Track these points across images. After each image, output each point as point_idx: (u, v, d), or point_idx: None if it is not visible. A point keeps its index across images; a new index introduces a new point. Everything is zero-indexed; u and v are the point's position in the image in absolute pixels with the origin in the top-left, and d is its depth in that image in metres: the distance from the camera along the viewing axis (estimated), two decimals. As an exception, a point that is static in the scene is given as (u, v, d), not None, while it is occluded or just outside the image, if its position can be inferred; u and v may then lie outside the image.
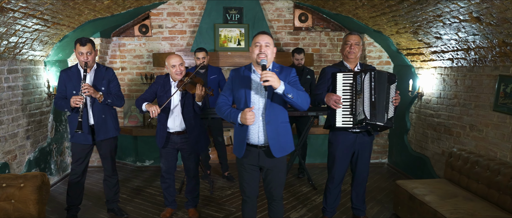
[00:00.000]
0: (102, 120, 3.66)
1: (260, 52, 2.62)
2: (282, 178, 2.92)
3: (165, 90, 3.60)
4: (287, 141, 2.81)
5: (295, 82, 2.76)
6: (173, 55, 3.57)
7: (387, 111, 3.28)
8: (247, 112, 2.58)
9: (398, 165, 5.66)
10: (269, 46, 2.66)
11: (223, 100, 2.84)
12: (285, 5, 5.84)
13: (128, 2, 4.84)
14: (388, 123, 3.28)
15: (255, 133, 2.74)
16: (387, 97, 3.29)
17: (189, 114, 3.59)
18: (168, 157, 3.71)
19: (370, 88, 3.26)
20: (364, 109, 3.24)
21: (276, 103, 2.71)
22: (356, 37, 3.41)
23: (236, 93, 2.79)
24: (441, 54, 4.26)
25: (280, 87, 2.47)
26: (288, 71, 2.79)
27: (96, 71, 3.69)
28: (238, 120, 2.65)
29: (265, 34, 2.69)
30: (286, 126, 2.81)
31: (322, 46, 5.99)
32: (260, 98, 2.71)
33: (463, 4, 3.09)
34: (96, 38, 5.36)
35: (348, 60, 3.46)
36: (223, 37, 5.64)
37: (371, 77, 3.26)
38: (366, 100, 3.25)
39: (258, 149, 2.77)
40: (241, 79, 2.77)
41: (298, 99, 2.58)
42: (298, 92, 2.59)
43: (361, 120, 3.24)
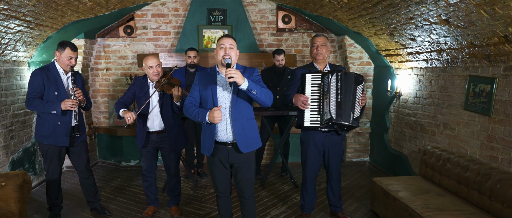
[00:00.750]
0: (80, 122, 3.75)
1: (225, 54, 2.76)
2: (252, 175, 3.04)
3: (144, 91, 3.68)
4: (254, 137, 2.95)
5: (258, 81, 2.90)
6: (150, 56, 3.65)
7: (353, 111, 3.39)
8: (214, 110, 2.69)
9: (378, 163, 5.80)
10: (233, 48, 2.81)
11: (191, 101, 2.95)
12: (268, 6, 5.95)
13: (112, 4, 4.90)
14: (353, 123, 3.39)
15: (223, 130, 2.86)
16: (354, 98, 3.40)
17: (168, 114, 3.68)
18: (148, 156, 3.79)
19: (337, 88, 3.36)
20: (330, 109, 3.34)
21: (242, 99, 2.85)
22: (322, 39, 3.53)
23: (203, 93, 2.90)
24: (416, 55, 4.40)
25: (244, 84, 2.61)
26: (251, 71, 2.93)
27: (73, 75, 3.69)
28: (206, 119, 2.75)
29: (229, 37, 2.85)
30: (252, 122, 2.94)
31: (304, 47, 6.11)
32: (226, 95, 2.84)
33: (432, 7, 3.23)
34: (80, 39, 5.41)
35: (316, 61, 3.58)
36: (207, 38, 5.73)
37: (338, 78, 3.36)
38: (332, 100, 3.36)
39: (227, 146, 2.90)
40: (207, 80, 2.90)
41: (261, 95, 2.72)
42: (261, 88, 2.74)
43: (327, 120, 3.35)
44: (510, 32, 2.85)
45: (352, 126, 3.40)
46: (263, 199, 4.56)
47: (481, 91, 3.52)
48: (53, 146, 3.64)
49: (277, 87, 5.09)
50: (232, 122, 2.83)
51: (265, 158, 6.00)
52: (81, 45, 5.43)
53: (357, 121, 3.41)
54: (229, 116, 2.83)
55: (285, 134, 4.97)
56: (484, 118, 3.50)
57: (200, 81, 2.95)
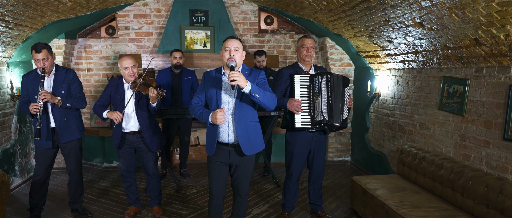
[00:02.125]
0: (64, 123, 3.70)
1: (229, 56, 2.78)
2: (249, 174, 3.09)
3: (119, 92, 3.69)
4: (257, 140, 2.98)
5: (263, 84, 2.93)
6: (126, 57, 3.66)
7: (342, 112, 3.48)
8: (217, 112, 2.73)
9: (359, 163, 5.91)
10: (238, 50, 2.82)
11: (196, 101, 3.00)
12: (250, 8, 6.00)
13: (93, 4, 4.88)
14: (343, 124, 3.49)
15: (225, 132, 2.89)
16: (342, 99, 3.49)
17: (143, 114, 3.69)
18: (126, 157, 3.80)
19: (327, 90, 3.44)
20: (322, 111, 3.42)
21: (245, 103, 2.88)
22: (311, 41, 3.60)
23: (208, 94, 2.94)
24: (394, 57, 4.51)
25: (247, 87, 2.63)
26: (257, 73, 2.96)
27: (56, 74, 3.71)
28: (209, 120, 2.80)
29: (234, 39, 2.85)
30: (255, 125, 2.98)
31: (286, 48, 6.18)
32: (230, 98, 2.86)
33: (406, 10, 3.33)
34: (60, 39, 5.37)
35: (304, 62, 3.63)
36: (189, 39, 5.75)
37: (328, 80, 3.44)
38: (324, 102, 3.43)
39: (229, 147, 2.93)
40: (212, 81, 2.93)
41: (264, 99, 2.75)
42: (264, 92, 2.76)
43: (319, 121, 3.42)
44: (480, 35, 2.96)
45: (342, 127, 3.48)
46: (245, 198, 4.61)
47: (454, 91, 3.64)
48: (38, 148, 3.69)
49: (258, 88, 5.14)
50: (235, 124, 2.86)
51: (247, 158, 6.04)
52: (62, 45, 5.39)
53: (346, 122, 3.51)
54: (232, 118, 2.86)
55: (267, 134, 5.02)
56: (457, 118, 3.62)
57: (206, 82, 2.98)
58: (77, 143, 3.85)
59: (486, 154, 3.26)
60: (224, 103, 2.86)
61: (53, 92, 3.64)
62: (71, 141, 3.78)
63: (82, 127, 3.93)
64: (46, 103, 3.61)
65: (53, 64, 3.68)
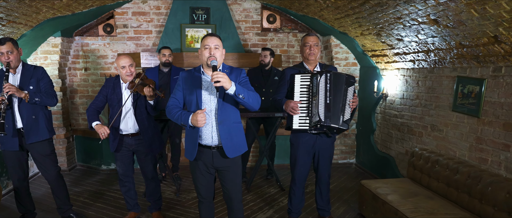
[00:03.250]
0: (32, 121, 3.46)
1: (210, 55, 2.62)
2: (238, 179, 2.92)
3: (116, 93, 3.52)
4: (240, 141, 2.82)
5: (245, 83, 2.78)
6: (123, 55, 3.49)
7: (343, 113, 3.29)
8: (198, 113, 2.56)
9: (365, 165, 5.74)
10: (218, 48, 2.67)
11: (173, 102, 2.82)
12: (253, 6, 5.82)
13: (90, 1, 4.69)
14: (343, 125, 3.30)
15: (209, 134, 2.73)
16: (344, 99, 3.30)
17: (142, 115, 3.52)
18: (123, 160, 3.62)
19: (325, 89, 3.26)
20: (318, 111, 3.24)
21: (228, 103, 2.73)
22: (314, 39, 3.43)
23: (187, 95, 2.77)
24: (403, 56, 4.34)
25: (231, 88, 2.48)
26: (238, 72, 2.80)
27: (23, 71, 3.49)
28: (189, 122, 2.61)
29: (214, 36, 2.70)
30: (238, 126, 2.82)
31: (290, 47, 6.01)
32: (211, 98, 2.71)
33: (421, 6, 3.16)
34: (56, 37, 5.17)
35: (308, 61, 3.46)
36: (190, 37, 5.57)
37: (327, 79, 3.26)
38: (321, 102, 3.26)
39: (211, 150, 2.77)
40: (192, 80, 2.76)
41: (249, 100, 2.60)
42: (248, 92, 2.62)
43: (315, 122, 3.25)
44: (500, 32, 2.79)
45: (342, 129, 3.30)
46: (249, 203, 4.43)
47: (469, 92, 3.47)
48: (6, 151, 3.47)
49: (262, 88, 4.97)
50: (218, 126, 2.70)
51: (250, 161, 5.87)
52: (58, 43, 5.20)
53: (347, 124, 3.31)
54: (215, 119, 2.70)
55: (271, 136, 4.85)
56: (472, 119, 3.45)
57: (184, 82, 2.81)
58: (47, 145, 3.60)
59: (505, 158, 3.09)
60: (205, 103, 2.71)
61: (20, 88, 3.39)
62: (40, 142, 3.53)
63: (52, 128, 3.68)
64: (11, 99, 3.37)
65: (19, 59, 3.44)
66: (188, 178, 5.32)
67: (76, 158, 5.87)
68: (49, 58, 5.24)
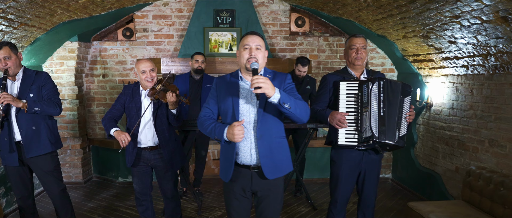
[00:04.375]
0: (32, 133, 3.12)
1: (250, 56, 2.21)
2: (279, 206, 2.47)
3: (135, 101, 3.15)
4: (283, 160, 2.38)
5: (291, 90, 2.36)
6: (143, 60, 3.13)
7: (399, 127, 2.82)
8: (235, 126, 2.15)
9: (404, 181, 5.21)
10: (260, 49, 2.27)
11: (206, 113, 2.42)
12: (281, 8, 5.41)
13: (108, 3, 4.37)
14: (399, 142, 2.83)
15: (247, 151, 2.31)
16: (400, 112, 2.84)
17: (163, 127, 3.14)
18: (141, 177, 3.24)
19: (379, 100, 2.81)
20: (371, 125, 2.78)
21: (270, 114, 2.30)
22: (361, 40, 2.98)
23: (222, 104, 2.37)
24: (454, 61, 3.84)
25: (275, 95, 2.06)
26: (283, 77, 2.37)
27: (23, 77, 3.15)
28: (224, 137, 2.21)
29: (255, 35, 2.29)
30: (281, 142, 2.39)
31: (320, 52, 5.56)
32: (250, 108, 2.30)
33: (488, 1, 2.67)
34: (73, 42, 4.88)
35: (353, 66, 3.02)
36: (214, 41, 5.19)
37: (380, 87, 2.82)
38: (373, 114, 2.80)
39: (250, 170, 2.34)
40: (227, 87, 2.36)
41: (296, 110, 2.16)
42: (295, 101, 2.17)
43: (367, 138, 2.79)
44: None
45: (397, 146, 2.83)
46: (278, 224, 3.97)
47: (543, 102, 2.95)
48: (8, 166, 3.15)
49: (292, 97, 4.54)
50: (257, 141, 2.28)
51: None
52: (74, 48, 4.90)
53: (404, 140, 2.84)
54: (254, 134, 2.29)
55: (302, 149, 4.40)
56: (547, 135, 2.93)
57: (218, 89, 2.41)
58: (50, 159, 3.24)
59: None
60: (243, 114, 2.29)
61: (19, 97, 3.07)
62: (42, 156, 3.18)
63: (56, 140, 3.32)
64: (8, 110, 3.05)
65: (19, 65, 3.11)
66: (210, 193, 4.91)
67: (92, 169, 5.55)
68: (65, 64, 4.95)
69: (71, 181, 5.20)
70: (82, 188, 5.07)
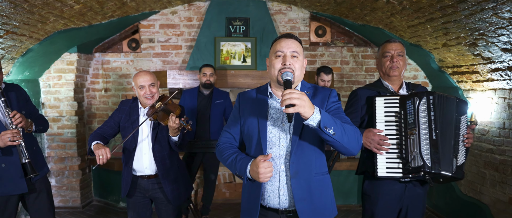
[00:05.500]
0: (34, 153, 2.79)
1: (284, 66, 1.72)
2: None
3: (132, 120, 2.68)
4: (325, 203, 1.83)
5: (337, 110, 1.83)
6: (142, 72, 2.66)
7: (456, 154, 2.26)
8: (260, 162, 1.66)
9: (440, 210, 4.56)
10: (298, 56, 1.77)
11: (226, 139, 1.93)
12: (300, 15, 4.91)
13: (109, 10, 3.94)
14: (458, 173, 2.26)
15: (275, 191, 1.78)
16: (456, 134, 2.27)
17: (163, 152, 2.65)
18: (137, 209, 2.74)
19: (429, 119, 2.26)
20: (421, 152, 2.22)
21: (308, 142, 1.77)
22: (398, 45, 2.46)
23: (245, 127, 1.86)
24: (506, 72, 3.25)
25: (314, 116, 1.54)
26: (326, 93, 1.85)
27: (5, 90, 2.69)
28: (247, 174, 1.72)
29: (291, 38, 1.79)
30: (323, 179, 1.84)
31: (344, 64, 5.02)
32: (282, 135, 1.78)
33: None
34: (72, 54, 4.45)
35: (389, 78, 2.48)
36: (226, 52, 4.70)
37: (430, 104, 2.27)
38: (423, 138, 2.24)
39: (279, 215, 1.81)
40: (253, 106, 1.87)
41: (343, 137, 1.63)
42: (343, 125, 1.64)
43: (416, 168, 2.22)
44: None
45: (455, 178, 2.25)
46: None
47: None
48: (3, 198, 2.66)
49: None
50: (292, 180, 1.74)
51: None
52: (74, 60, 4.48)
53: (462, 170, 2.27)
54: (286, 170, 1.76)
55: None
56: None
57: (241, 108, 1.91)
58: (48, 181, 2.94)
59: None
60: (272, 143, 1.77)
61: None
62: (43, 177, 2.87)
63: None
64: None
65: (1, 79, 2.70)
66: (221, 222, 4.36)
67: (92, 192, 5.07)
68: (63, 77, 4.52)
69: (67, 206, 4.72)
70: (79, 214, 4.58)
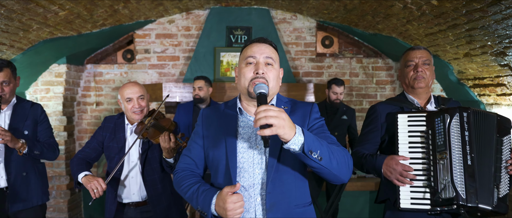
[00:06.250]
0: (21, 179, 2.46)
1: (256, 75, 1.39)
2: None
3: (117, 138, 2.35)
4: None
5: (321, 127, 1.50)
6: (129, 84, 2.34)
7: (497, 184, 1.87)
8: (227, 195, 1.31)
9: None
10: (272, 64, 1.44)
11: (187, 165, 1.57)
12: (306, 24, 4.59)
13: (99, 17, 3.64)
14: (500, 207, 1.86)
15: None
16: (497, 159, 1.89)
17: (154, 176, 2.31)
18: None
19: (463, 141, 1.88)
20: (453, 180, 1.84)
21: (288, 167, 1.43)
22: (423, 53, 2.10)
23: (210, 151, 1.51)
24: (539, 85, 2.90)
25: (296, 138, 1.21)
26: (307, 109, 1.52)
27: (16, 108, 2.51)
28: (212, 210, 1.36)
29: (263, 43, 1.46)
30: (305, 212, 1.48)
31: (353, 76, 4.68)
32: (256, 159, 1.43)
33: None
34: (61, 65, 4.15)
35: (414, 91, 2.12)
36: (226, 63, 4.37)
37: (464, 122, 1.90)
38: (456, 164, 1.86)
39: None
40: (219, 124, 1.52)
41: (331, 162, 1.30)
42: (329, 148, 1.30)
43: (448, 200, 1.84)
44: None
45: (497, 212, 1.87)
46: None
47: None
48: None
49: (325, 130, 3.65)
50: (267, 213, 1.39)
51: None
52: (62, 72, 4.17)
53: (505, 203, 1.89)
54: (261, 201, 1.41)
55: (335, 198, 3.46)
56: None
57: (205, 126, 1.56)
58: (38, 213, 2.56)
59: None
60: (243, 169, 1.43)
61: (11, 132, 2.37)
62: (30, 209, 2.50)
63: (47, 190, 2.66)
64: None
65: (13, 92, 2.49)
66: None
67: (82, 213, 4.71)
68: (51, 90, 4.21)
69: (54, 232, 4.36)
70: (66, 239, 4.22)
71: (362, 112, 4.53)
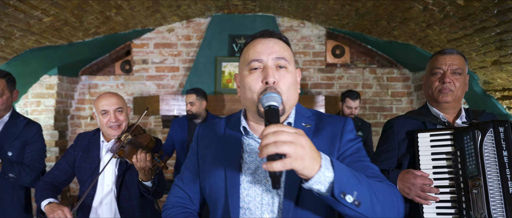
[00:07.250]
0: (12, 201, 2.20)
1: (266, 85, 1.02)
2: None
3: (90, 158, 2.03)
4: None
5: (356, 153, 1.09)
6: (107, 94, 2.03)
7: None
8: None
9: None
10: (287, 67, 1.05)
11: (179, 199, 1.22)
12: (315, 33, 4.27)
13: (91, 25, 3.38)
14: None
15: None
16: None
17: (131, 202, 1.99)
18: None
19: (501, 163, 1.51)
20: (491, 212, 1.47)
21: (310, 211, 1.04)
22: (455, 59, 1.72)
23: (207, 183, 1.14)
24: None
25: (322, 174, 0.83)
26: (337, 126, 1.12)
27: (8, 124, 2.24)
28: None
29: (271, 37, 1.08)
30: None
31: (366, 87, 4.31)
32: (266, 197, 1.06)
33: None
34: (52, 76, 3.89)
35: (439, 105, 1.76)
36: (228, 74, 4.06)
37: (500, 139, 1.54)
38: (494, 192, 1.49)
39: None
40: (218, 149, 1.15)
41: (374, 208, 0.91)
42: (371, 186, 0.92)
43: None
44: None
45: None
46: None
47: None
48: None
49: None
50: None
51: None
52: (54, 84, 3.92)
53: None
54: None
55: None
56: None
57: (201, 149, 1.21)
58: None
59: None
60: (248, 210, 1.06)
61: None
62: None
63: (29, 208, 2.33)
64: None
65: (9, 105, 2.23)
66: None
67: (75, 235, 4.40)
68: (42, 102, 3.95)
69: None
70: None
71: (376, 126, 4.17)
